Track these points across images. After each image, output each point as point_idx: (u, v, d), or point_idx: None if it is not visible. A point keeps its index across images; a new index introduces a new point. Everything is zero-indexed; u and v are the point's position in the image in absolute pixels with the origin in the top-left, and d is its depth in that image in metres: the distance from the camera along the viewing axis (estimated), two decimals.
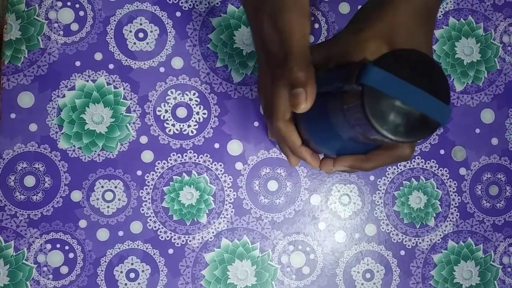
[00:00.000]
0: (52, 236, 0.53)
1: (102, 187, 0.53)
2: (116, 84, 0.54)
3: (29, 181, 0.53)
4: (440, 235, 0.56)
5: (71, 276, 0.53)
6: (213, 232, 0.54)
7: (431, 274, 0.56)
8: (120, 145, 0.54)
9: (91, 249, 0.53)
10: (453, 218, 0.56)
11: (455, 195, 0.57)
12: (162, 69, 0.54)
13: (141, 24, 0.54)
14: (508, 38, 0.56)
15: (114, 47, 0.54)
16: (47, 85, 0.53)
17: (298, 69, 0.31)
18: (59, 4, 0.54)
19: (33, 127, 0.53)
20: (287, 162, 0.55)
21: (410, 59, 0.28)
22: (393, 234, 0.56)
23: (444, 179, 0.57)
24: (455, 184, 0.57)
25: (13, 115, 0.53)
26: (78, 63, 0.54)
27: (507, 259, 0.57)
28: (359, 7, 0.56)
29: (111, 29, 0.54)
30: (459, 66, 0.55)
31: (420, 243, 0.56)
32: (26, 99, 0.53)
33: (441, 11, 0.55)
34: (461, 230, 0.57)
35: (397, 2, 0.32)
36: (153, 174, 0.54)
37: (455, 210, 0.56)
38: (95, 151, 0.53)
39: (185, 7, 0.55)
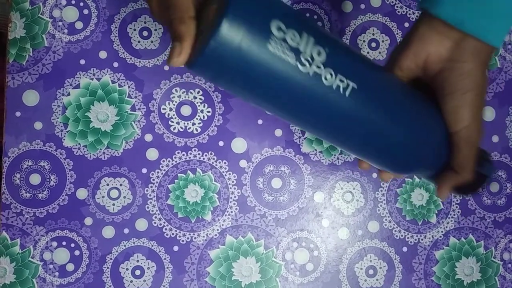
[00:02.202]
0: (58, 233, 0.53)
1: (108, 185, 0.54)
2: (121, 82, 0.54)
3: (35, 179, 0.53)
4: (442, 231, 0.57)
5: (77, 274, 0.53)
6: (217, 229, 0.54)
7: (433, 270, 0.57)
8: (125, 143, 0.54)
9: (97, 246, 0.53)
10: (454, 215, 0.57)
11: None
12: (166, 68, 0.55)
13: (145, 22, 0.55)
14: (508, 255, 0.58)
15: (118, 45, 0.54)
16: (52, 83, 0.53)
17: (179, 22, 0.31)
18: (63, 2, 0.54)
19: (38, 125, 0.53)
20: (290, 160, 0.56)
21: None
22: (395, 230, 0.56)
23: None
24: None
25: (18, 113, 0.53)
26: (82, 62, 0.54)
27: (508, 255, 0.58)
28: (363, 6, 0.57)
29: (116, 27, 0.54)
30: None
31: (422, 239, 0.57)
32: (31, 98, 0.53)
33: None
34: (462, 226, 0.57)
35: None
36: (158, 172, 0.54)
37: (456, 207, 0.57)
38: (100, 149, 0.54)
39: None
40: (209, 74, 0.32)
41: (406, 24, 0.58)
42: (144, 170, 0.54)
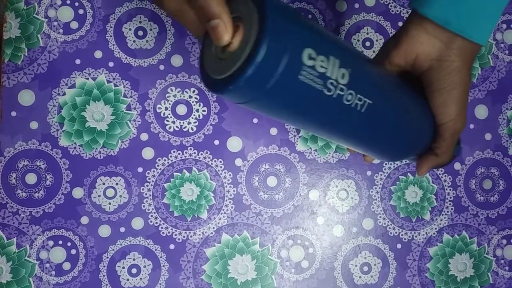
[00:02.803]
0: (54, 233, 0.53)
1: (104, 184, 0.54)
2: (116, 82, 0.54)
3: (31, 178, 0.53)
4: (436, 228, 0.57)
5: (74, 272, 0.53)
6: (213, 228, 0.55)
7: (427, 267, 0.57)
8: (121, 142, 0.54)
9: (93, 245, 0.54)
10: (448, 212, 0.58)
11: (450, 189, 0.58)
12: (162, 67, 0.55)
13: (140, 22, 0.55)
14: (501, 251, 0.59)
15: (113, 45, 0.54)
16: (48, 83, 0.54)
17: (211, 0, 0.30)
18: (59, 2, 0.54)
19: (34, 125, 0.53)
20: (286, 158, 0.56)
21: None
22: (389, 228, 0.57)
23: (439, 174, 0.58)
24: (450, 178, 0.58)
25: (13, 113, 0.53)
26: (78, 61, 0.54)
27: (500, 251, 0.59)
28: (357, 5, 0.57)
29: (111, 27, 0.55)
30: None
31: (416, 236, 0.57)
32: (26, 97, 0.53)
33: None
34: (456, 223, 0.58)
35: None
36: (154, 171, 0.54)
37: (450, 204, 0.58)
38: (96, 149, 0.54)
39: None
40: (235, 100, 0.32)
41: (400, 23, 0.58)
42: (140, 169, 0.54)
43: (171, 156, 0.55)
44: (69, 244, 0.53)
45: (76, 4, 0.54)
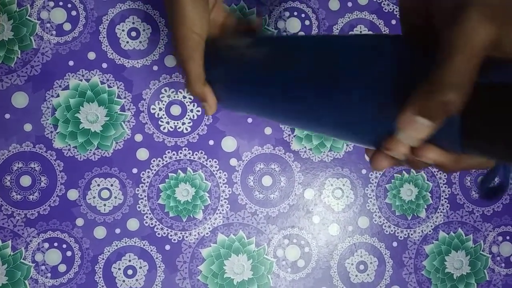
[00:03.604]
0: (50, 235, 0.53)
1: (98, 185, 0.54)
2: (110, 83, 0.54)
3: (25, 181, 0.53)
4: (431, 226, 0.58)
5: (69, 274, 0.53)
6: (209, 228, 0.55)
7: (423, 265, 0.57)
8: (115, 144, 0.54)
9: (89, 247, 0.54)
10: (443, 209, 0.58)
11: (445, 187, 0.58)
12: (155, 68, 0.55)
13: (133, 23, 0.55)
14: (497, 248, 0.58)
15: (107, 46, 0.54)
16: (41, 85, 0.53)
17: (193, 89, 0.39)
18: (51, 4, 0.54)
19: (28, 127, 0.53)
20: (280, 157, 0.56)
21: None
22: (385, 226, 0.57)
23: (435, 172, 0.58)
24: (445, 176, 0.58)
25: (7, 116, 0.53)
26: (71, 63, 0.54)
27: (496, 248, 0.59)
28: (350, 4, 0.57)
29: (104, 28, 0.54)
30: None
31: (412, 234, 0.57)
32: (20, 99, 0.53)
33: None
34: (451, 221, 0.58)
35: None
36: (148, 172, 0.54)
37: (445, 201, 0.58)
38: (91, 150, 0.54)
39: None
40: None
41: (393, 22, 0.58)
42: (134, 170, 0.54)
43: (165, 157, 0.55)
44: (64, 246, 0.53)
45: (69, 5, 0.54)
